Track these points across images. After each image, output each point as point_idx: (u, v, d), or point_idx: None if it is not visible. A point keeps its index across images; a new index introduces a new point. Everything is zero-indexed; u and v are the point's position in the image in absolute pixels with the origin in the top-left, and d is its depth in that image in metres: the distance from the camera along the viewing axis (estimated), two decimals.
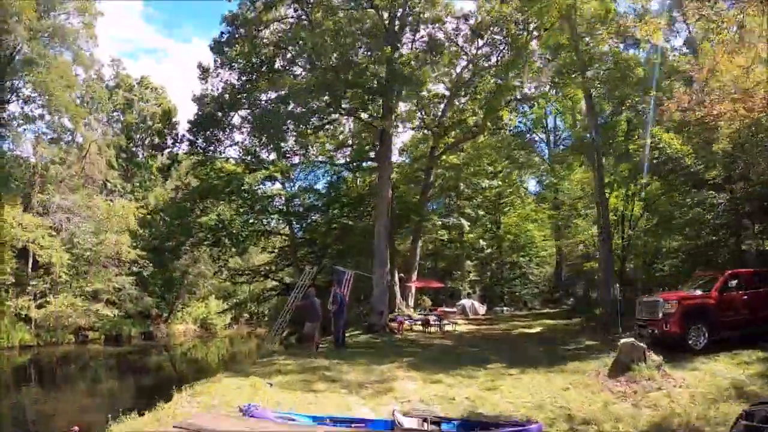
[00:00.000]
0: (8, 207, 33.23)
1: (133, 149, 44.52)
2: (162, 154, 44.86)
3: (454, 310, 32.17)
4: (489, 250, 44.40)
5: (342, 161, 33.65)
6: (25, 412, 21.60)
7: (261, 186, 32.78)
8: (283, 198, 34.17)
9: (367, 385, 11.82)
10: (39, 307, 33.61)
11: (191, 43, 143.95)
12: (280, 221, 35.92)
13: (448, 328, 24.67)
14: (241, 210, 32.63)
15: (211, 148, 28.64)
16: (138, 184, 43.42)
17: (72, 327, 34.80)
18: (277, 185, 34.09)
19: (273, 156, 31.81)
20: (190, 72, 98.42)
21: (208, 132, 27.53)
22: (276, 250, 36.03)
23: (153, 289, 40.59)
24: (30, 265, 34.55)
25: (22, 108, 36.60)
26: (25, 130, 37.66)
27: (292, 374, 13.08)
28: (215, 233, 32.01)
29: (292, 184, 35.46)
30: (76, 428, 14.03)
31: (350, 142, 33.53)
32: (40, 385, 27.03)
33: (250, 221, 33.64)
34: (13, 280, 32.95)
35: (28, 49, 34.64)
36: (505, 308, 39.90)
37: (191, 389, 11.08)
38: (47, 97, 34.57)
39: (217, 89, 26.68)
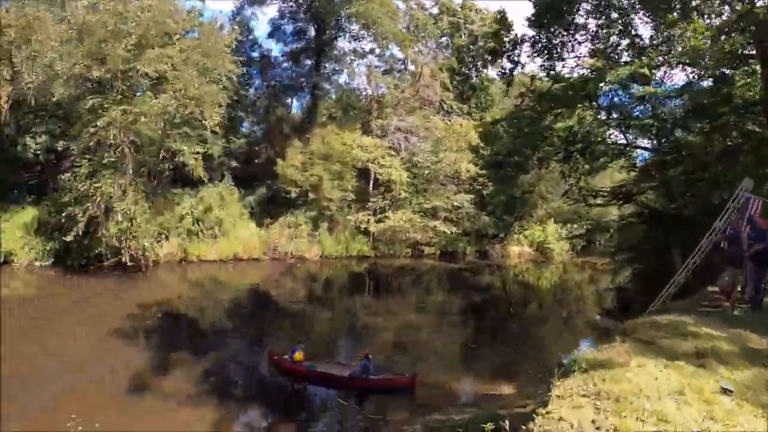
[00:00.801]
0: (348, 132, 36.94)
1: (466, 72, 44.45)
2: (498, 73, 43.44)
3: None
4: None
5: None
6: (355, 318, 24.06)
7: (620, 89, 27.18)
8: (649, 104, 27.76)
9: None
10: (378, 221, 36.78)
11: None
12: (645, 132, 29.52)
13: None
14: (598, 118, 28.01)
15: (556, 46, 24.98)
16: (474, 105, 43.33)
17: (408, 241, 37.28)
18: (643, 87, 27.72)
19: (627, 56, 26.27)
20: None
21: (552, 29, 24.02)
22: (636, 169, 30.21)
23: (491, 209, 40.30)
24: (371, 183, 37.97)
25: (350, 43, 40.08)
26: (358, 64, 41.51)
27: (735, 361, 6.78)
28: (567, 146, 28.38)
29: (659, 85, 28.50)
30: (367, 352, 14.70)
31: None
32: (373, 294, 30.01)
33: (607, 132, 28.66)
34: (354, 197, 36.69)
35: None
36: None
37: (583, 373, 6.08)
38: (373, 28, 36.37)
39: None
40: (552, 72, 25.61)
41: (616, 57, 24.63)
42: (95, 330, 19.84)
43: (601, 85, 23.43)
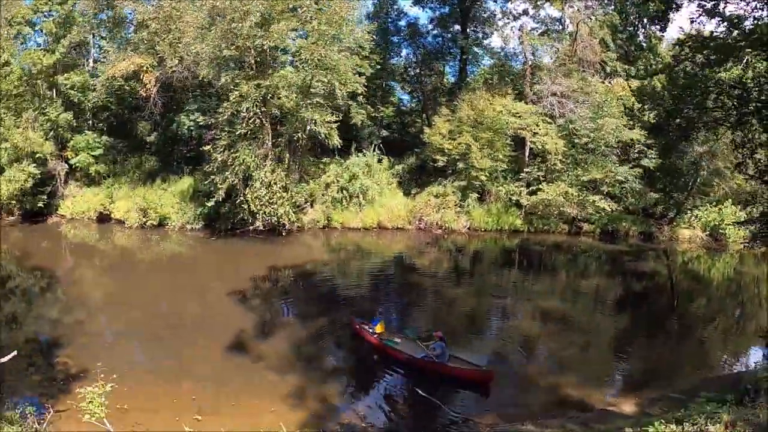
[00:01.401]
0: (499, 97, 34.79)
1: (631, 29, 40.13)
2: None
3: None
4: None
5: None
6: (491, 297, 23.15)
7: None
8: None
9: None
10: (531, 194, 34.47)
11: None
12: None
13: None
14: None
15: None
16: (642, 67, 38.92)
17: (565, 217, 34.60)
18: None
19: None
20: None
21: None
22: None
23: (660, 186, 36.18)
24: (526, 153, 35.54)
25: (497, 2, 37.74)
26: (512, 27, 39.49)
27: None
28: (740, 107, 23.97)
29: None
30: (440, 333, 13.98)
31: None
32: (520, 271, 28.70)
33: None
34: (507, 167, 34.75)
35: None
36: None
37: None
38: None
39: None
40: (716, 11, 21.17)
41: None
42: (220, 287, 21.35)
43: None
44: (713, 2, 19.83)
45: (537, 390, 13.20)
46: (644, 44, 40.13)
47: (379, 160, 36.69)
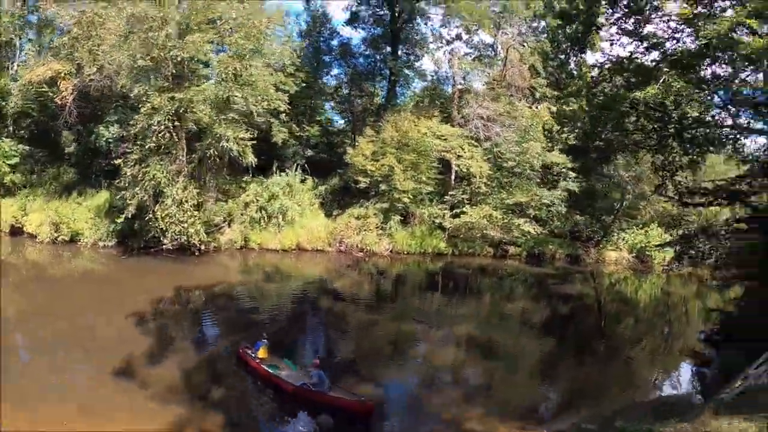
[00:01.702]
0: (425, 119, 34.70)
1: (562, 57, 40.61)
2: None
3: None
4: None
5: None
6: (428, 319, 22.38)
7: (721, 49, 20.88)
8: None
9: None
10: (454, 216, 34.04)
11: None
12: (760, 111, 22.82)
13: None
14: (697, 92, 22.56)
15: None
16: (567, 93, 39.36)
17: (491, 240, 34.22)
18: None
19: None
20: None
21: None
22: (749, 161, 24.10)
23: (587, 209, 36.25)
24: (452, 176, 35.21)
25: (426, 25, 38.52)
26: (444, 51, 39.65)
27: None
28: (660, 129, 23.37)
29: None
30: (317, 361, 13.43)
31: None
32: (444, 295, 27.94)
33: (709, 109, 22.83)
34: (432, 190, 34.38)
35: None
36: None
37: None
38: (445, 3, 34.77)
39: None
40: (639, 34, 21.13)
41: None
42: (124, 307, 20.00)
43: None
44: (634, 24, 19.81)
45: (434, 422, 12.54)
46: (575, 72, 40.52)
47: (303, 180, 35.89)
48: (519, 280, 31.73)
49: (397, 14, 39.32)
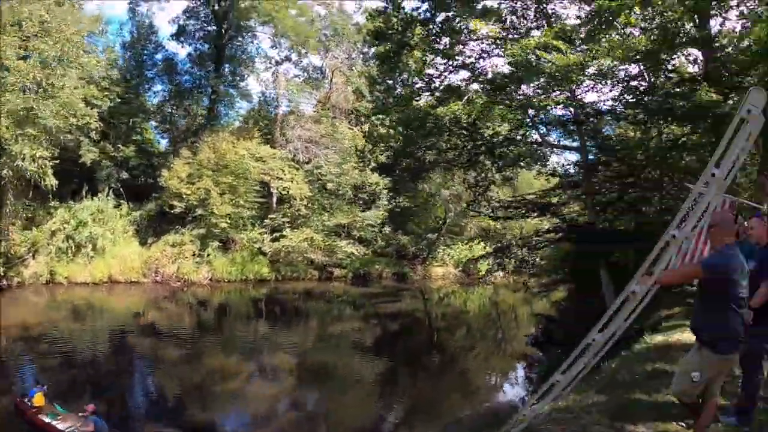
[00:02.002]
0: (245, 141, 34.12)
1: (390, 81, 41.87)
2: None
3: None
4: None
5: None
6: (253, 349, 21.63)
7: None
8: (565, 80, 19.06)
9: None
10: (273, 240, 33.62)
11: None
12: (567, 129, 23.15)
13: None
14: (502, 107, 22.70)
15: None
16: (375, 111, 40.46)
17: (315, 263, 34.26)
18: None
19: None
20: None
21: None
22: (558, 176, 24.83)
23: (410, 227, 37.21)
24: (274, 199, 35.04)
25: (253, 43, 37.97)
26: (273, 71, 39.34)
27: None
28: (473, 147, 23.47)
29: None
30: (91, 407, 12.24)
31: None
32: (273, 321, 27.35)
33: (518, 125, 22.10)
34: (251, 213, 33.85)
35: None
36: None
37: None
38: (275, 23, 34.34)
39: None
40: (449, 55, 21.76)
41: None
42: None
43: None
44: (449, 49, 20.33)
45: None
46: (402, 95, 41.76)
47: (117, 206, 33.68)
48: (346, 302, 31.94)
49: (224, 30, 38.33)
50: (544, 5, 18.73)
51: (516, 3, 19.72)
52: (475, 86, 20.52)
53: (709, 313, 4.39)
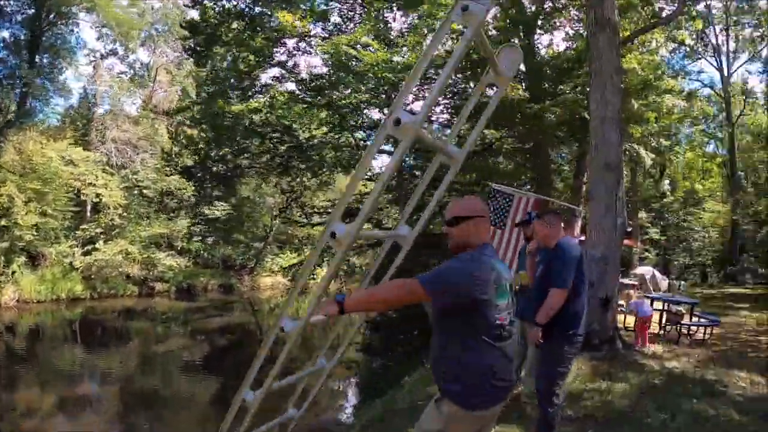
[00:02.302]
0: (57, 141, 31.08)
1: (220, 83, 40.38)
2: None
3: (634, 282, 21.35)
4: (670, 198, 31.42)
5: None
6: (71, 377, 19.26)
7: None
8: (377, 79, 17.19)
9: None
10: (85, 254, 30.96)
11: None
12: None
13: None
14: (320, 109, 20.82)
15: None
16: (178, 110, 38.90)
17: (135, 278, 32.23)
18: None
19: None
20: None
21: None
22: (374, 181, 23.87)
23: (236, 236, 36.27)
24: (88, 207, 32.37)
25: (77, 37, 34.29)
26: (95, 66, 36.27)
27: None
28: (287, 151, 21.68)
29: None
30: None
31: None
32: (91, 345, 24.59)
33: (337, 128, 21.51)
34: (62, 224, 31.04)
35: None
36: (681, 283, 27.26)
37: None
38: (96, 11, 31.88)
39: None
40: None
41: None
42: None
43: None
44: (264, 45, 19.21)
45: None
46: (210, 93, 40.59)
47: None
48: (171, 319, 30.25)
49: (43, 14, 34.04)
50: (374, 10, 18.70)
51: (343, 5, 19.74)
52: (291, 86, 20.32)
53: (449, 351, 2.85)
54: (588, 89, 11.11)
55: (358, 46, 15.82)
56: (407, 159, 20.00)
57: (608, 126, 9.44)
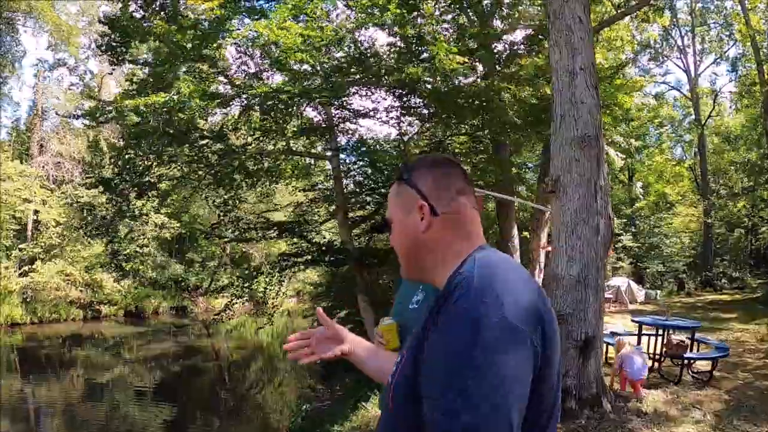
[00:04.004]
0: None
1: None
2: None
3: (609, 295, 20.48)
4: (643, 202, 31.00)
5: None
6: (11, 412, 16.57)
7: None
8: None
9: None
10: (21, 275, 29.04)
11: None
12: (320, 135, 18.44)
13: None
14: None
15: None
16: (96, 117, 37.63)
17: (79, 301, 30.28)
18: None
19: None
20: None
21: None
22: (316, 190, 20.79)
23: (189, 256, 34.54)
24: (29, 225, 30.58)
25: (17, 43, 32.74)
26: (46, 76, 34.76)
27: None
28: (220, 159, 19.49)
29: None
30: None
31: None
32: (33, 375, 22.32)
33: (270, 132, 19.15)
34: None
35: None
36: (657, 292, 26.59)
37: None
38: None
39: None
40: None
41: None
42: None
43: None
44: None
45: None
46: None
47: None
48: (119, 344, 28.54)
49: None
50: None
51: None
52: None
53: None
54: (547, 43, 8.24)
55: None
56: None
57: (580, 81, 6.61)
